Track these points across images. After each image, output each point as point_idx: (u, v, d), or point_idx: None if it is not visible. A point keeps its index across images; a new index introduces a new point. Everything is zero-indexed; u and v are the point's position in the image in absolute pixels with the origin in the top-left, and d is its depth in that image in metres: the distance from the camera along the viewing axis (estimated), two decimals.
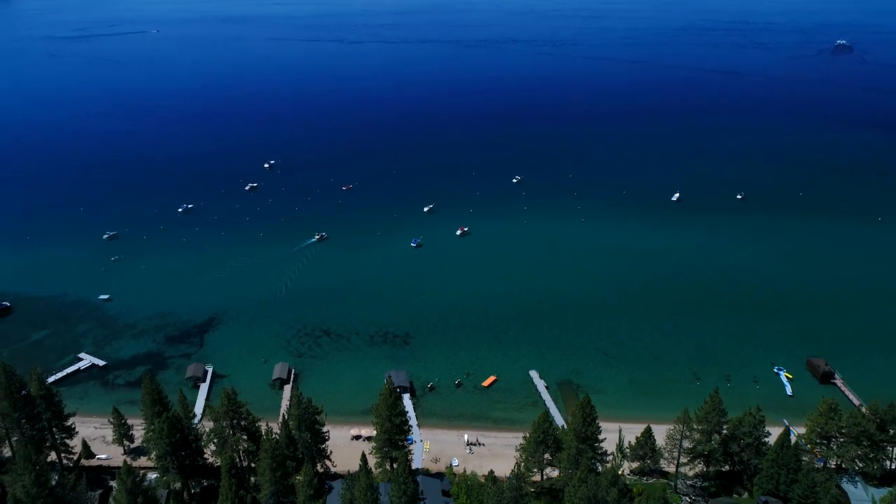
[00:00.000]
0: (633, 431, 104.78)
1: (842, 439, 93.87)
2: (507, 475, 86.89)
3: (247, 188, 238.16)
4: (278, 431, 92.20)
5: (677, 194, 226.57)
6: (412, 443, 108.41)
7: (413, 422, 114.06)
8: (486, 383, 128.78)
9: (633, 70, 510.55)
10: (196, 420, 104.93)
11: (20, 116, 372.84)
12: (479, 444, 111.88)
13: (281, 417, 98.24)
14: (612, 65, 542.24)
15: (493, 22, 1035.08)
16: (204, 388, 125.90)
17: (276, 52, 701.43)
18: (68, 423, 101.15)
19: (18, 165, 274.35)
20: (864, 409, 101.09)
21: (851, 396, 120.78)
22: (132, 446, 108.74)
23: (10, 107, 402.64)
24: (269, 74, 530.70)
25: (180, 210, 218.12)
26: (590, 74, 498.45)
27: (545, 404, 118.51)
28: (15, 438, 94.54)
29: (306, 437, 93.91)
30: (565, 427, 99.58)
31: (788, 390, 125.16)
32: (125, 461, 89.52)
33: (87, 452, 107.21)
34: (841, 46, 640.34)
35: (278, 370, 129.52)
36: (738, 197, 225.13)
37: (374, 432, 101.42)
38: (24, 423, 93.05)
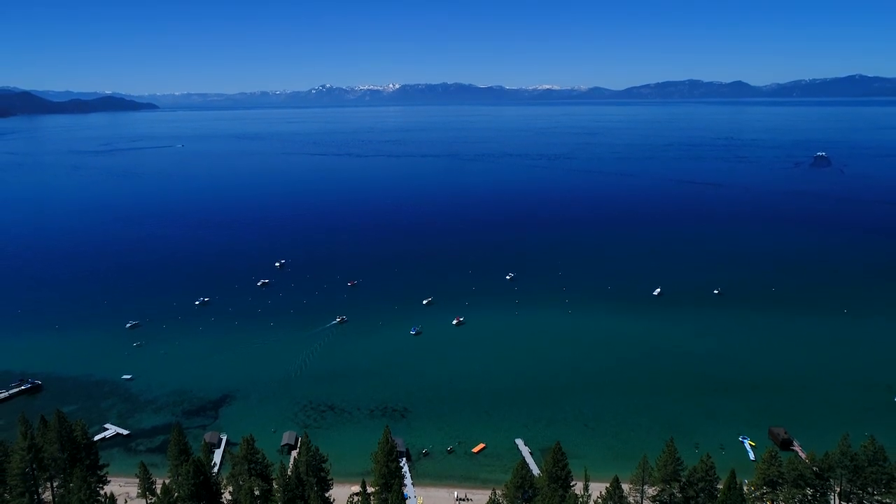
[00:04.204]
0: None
1: (785, 486, 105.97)
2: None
3: (259, 284, 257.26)
4: (290, 473, 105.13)
5: (658, 289, 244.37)
6: (407, 498, 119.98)
7: (408, 480, 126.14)
8: (475, 450, 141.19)
9: (622, 181, 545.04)
10: (215, 470, 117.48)
11: (48, 223, 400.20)
12: (468, 499, 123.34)
13: (292, 459, 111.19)
14: (602, 177, 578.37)
15: (490, 139, 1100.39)
16: (218, 453, 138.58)
17: (287, 164, 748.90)
18: (102, 473, 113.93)
19: (47, 266, 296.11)
20: (803, 456, 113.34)
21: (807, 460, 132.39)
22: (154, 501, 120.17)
23: (38, 214, 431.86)
24: (280, 185, 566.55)
25: (197, 303, 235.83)
26: (582, 185, 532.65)
27: (529, 468, 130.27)
28: (57, 483, 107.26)
29: (312, 482, 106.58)
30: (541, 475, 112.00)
31: (751, 455, 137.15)
32: (163, 483, 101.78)
33: None
34: (820, 158, 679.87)
35: (286, 437, 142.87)
36: (715, 292, 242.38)
37: (372, 489, 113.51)
38: (68, 466, 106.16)
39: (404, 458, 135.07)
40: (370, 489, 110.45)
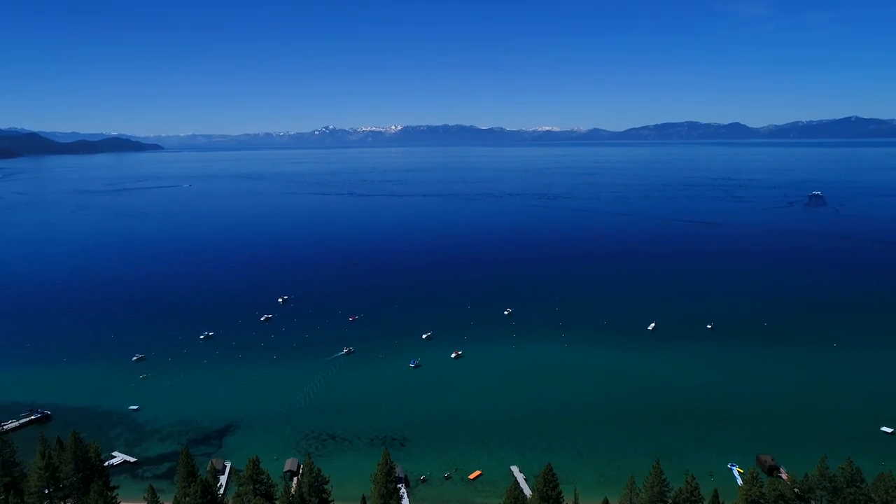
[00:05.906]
0: None
1: None
2: None
3: (262, 319, 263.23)
4: (294, 493, 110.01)
5: (653, 324, 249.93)
6: None
7: (405, 502, 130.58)
8: (472, 476, 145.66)
9: (619, 220, 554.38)
10: (221, 492, 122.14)
11: (55, 260, 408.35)
12: None
13: (295, 481, 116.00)
14: (600, 216, 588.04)
15: (491, 179, 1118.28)
16: (223, 478, 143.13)
17: (291, 203, 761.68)
18: (112, 494, 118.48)
19: (56, 301, 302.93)
20: (784, 476, 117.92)
21: (788, 482, 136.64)
22: None
23: (46, 252, 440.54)
24: (284, 223, 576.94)
25: (201, 337, 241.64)
26: (580, 224, 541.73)
27: (522, 490, 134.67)
28: (69, 502, 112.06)
29: (314, 503, 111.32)
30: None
31: (739, 482, 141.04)
32: (174, 499, 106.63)
33: None
34: (815, 197, 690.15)
35: (288, 464, 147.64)
36: (709, 327, 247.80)
37: None
38: (82, 486, 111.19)
39: (403, 484, 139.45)
40: None
